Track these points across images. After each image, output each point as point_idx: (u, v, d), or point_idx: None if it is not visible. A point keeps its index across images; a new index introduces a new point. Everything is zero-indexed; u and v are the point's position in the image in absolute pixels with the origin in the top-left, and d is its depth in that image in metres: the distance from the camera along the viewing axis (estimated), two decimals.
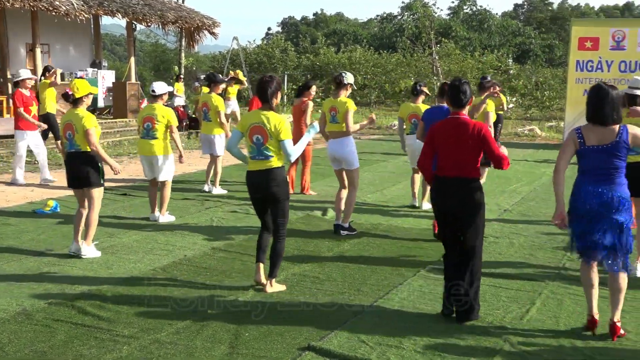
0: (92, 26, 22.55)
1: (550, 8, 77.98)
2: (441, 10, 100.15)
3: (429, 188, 8.71)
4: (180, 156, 9.06)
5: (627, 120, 6.13)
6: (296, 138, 10.51)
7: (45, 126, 11.80)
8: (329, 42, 45.60)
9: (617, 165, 5.02)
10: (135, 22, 21.80)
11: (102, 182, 7.32)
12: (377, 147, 17.96)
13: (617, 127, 5.00)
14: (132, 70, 22.09)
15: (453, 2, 64.67)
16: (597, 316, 5.20)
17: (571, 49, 19.50)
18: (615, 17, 62.45)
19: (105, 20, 30.80)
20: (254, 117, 6.07)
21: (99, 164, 7.26)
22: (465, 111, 5.54)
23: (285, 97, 29.99)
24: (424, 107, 9.26)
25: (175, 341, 5.00)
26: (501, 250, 7.65)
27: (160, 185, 8.94)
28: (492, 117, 8.99)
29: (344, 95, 8.40)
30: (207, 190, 11.02)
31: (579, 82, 18.50)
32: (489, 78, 9.72)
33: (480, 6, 62.90)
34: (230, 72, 16.41)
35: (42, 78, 12.74)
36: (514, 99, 29.51)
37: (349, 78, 8.40)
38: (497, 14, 66.98)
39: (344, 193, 8.43)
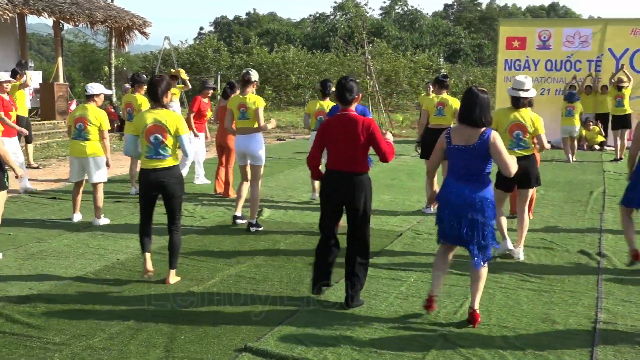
0: (17, 25, 21.88)
1: (479, 8, 79.67)
2: (373, 10, 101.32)
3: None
4: (107, 163, 8.87)
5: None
6: (220, 139, 10.53)
7: (26, 132, 11.37)
8: (262, 42, 45.43)
9: (479, 166, 5.21)
10: (62, 22, 21.25)
11: (6, 185, 7.23)
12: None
13: (482, 130, 5.20)
14: (60, 70, 21.53)
15: (385, 2, 65.43)
16: (435, 299, 5.48)
17: (499, 49, 19.96)
18: (541, 17, 64.25)
19: (31, 20, 29.97)
20: (147, 118, 6.21)
21: (5, 168, 7.12)
22: (353, 107, 5.74)
23: (219, 97, 29.76)
24: (331, 104, 9.51)
25: (109, 347, 4.90)
26: (434, 247, 7.77)
27: (93, 188, 8.77)
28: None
29: (251, 93, 8.56)
30: (134, 192, 10.83)
31: (508, 81, 18.92)
32: (447, 79, 9.89)
33: (412, 6, 63.81)
34: (172, 70, 16.10)
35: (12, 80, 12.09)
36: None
37: (254, 76, 8.60)
38: (427, 14, 68.05)
39: (246, 186, 8.67)
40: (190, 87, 14.48)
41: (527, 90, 7.20)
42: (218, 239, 8.09)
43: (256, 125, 8.48)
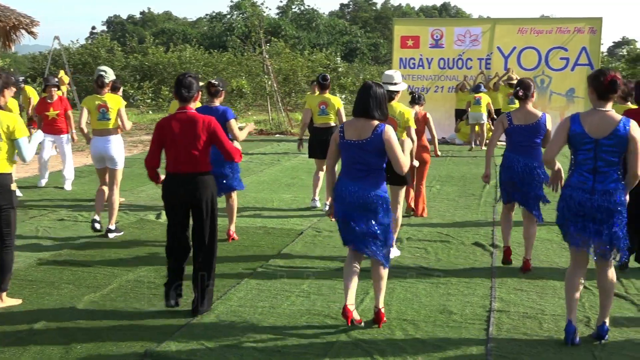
0: None
1: (374, 8, 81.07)
2: (270, 9, 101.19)
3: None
4: None
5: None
6: None
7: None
8: (158, 42, 44.62)
9: (373, 162, 5.07)
10: None
11: None
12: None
13: (376, 124, 5.06)
14: None
15: (281, 1, 65.54)
16: (351, 307, 5.13)
17: (394, 47, 20.37)
18: (434, 17, 66.05)
19: None
20: None
21: None
22: (193, 105, 5.55)
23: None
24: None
25: None
26: (336, 244, 7.85)
27: None
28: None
29: (111, 93, 8.32)
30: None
31: (404, 79, 19.28)
32: (328, 77, 9.89)
33: (308, 6, 64.21)
34: (61, 71, 15.54)
35: None
36: (344, 96, 30.38)
37: (109, 77, 8.25)
38: (324, 13, 68.74)
39: (106, 190, 8.28)
40: (71, 87, 13.96)
41: (395, 84, 7.06)
42: (115, 244, 7.87)
43: (114, 126, 8.18)
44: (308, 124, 10.08)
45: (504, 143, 7.00)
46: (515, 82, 17.14)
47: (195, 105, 5.68)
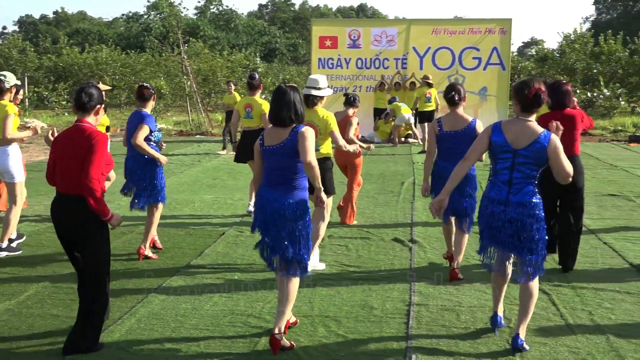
0: None
1: (292, 8, 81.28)
2: (187, 10, 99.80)
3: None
4: None
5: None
6: None
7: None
8: (72, 42, 43.48)
9: (292, 166, 4.87)
10: None
11: None
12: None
13: (293, 125, 4.89)
14: None
15: (199, 2, 64.94)
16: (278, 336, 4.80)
17: (313, 48, 20.55)
18: (351, 18, 66.73)
19: None
20: None
21: None
22: (91, 119, 4.88)
23: (27, 100, 28.12)
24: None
25: None
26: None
27: None
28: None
29: (7, 99, 7.44)
30: None
31: None
32: (256, 76, 9.60)
33: (227, 6, 63.89)
34: None
35: None
36: (264, 97, 30.33)
37: (10, 80, 7.56)
38: (243, 14, 68.55)
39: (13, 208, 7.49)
40: None
41: (320, 88, 6.83)
42: (30, 248, 7.65)
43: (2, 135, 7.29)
44: (237, 124, 9.73)
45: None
46: (431, 81, 17.81)
47: (94, 118, 4.95)
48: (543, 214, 4.83)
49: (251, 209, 9.53)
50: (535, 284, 4.89)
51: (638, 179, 12.68)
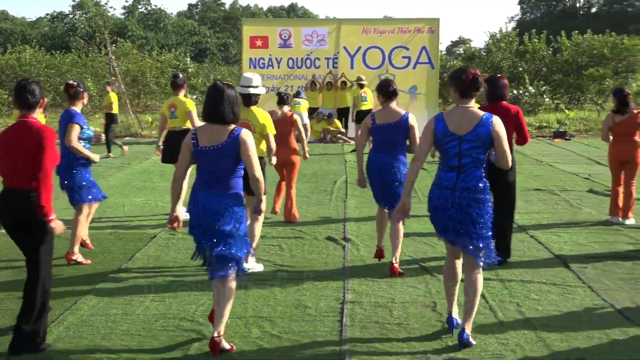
0: None
1: (222, 8, 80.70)
2: (115, 9, 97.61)
3: None
4: None
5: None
6: None
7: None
8: None
9: (229, 167, 4.78)
10: None
11: None
12: None
13: (232, 127, 4.81)
14: None
15: (127, 1, 63.82)
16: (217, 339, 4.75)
17: (244, 48, 20.45)
18: (282, 17, 66.73)
19: None
20: None
21: None
22: (36, 114, 4.91)
23: None
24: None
25: None
26: (190, 246, 7.76)
27: None
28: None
29: None
30: None
31: None
32: (180, 75, 9.46)
33: (155, 6, 62.96)
34: None
35: None
36: (195, 97, 30.02)
37: None
38: (172, 13, 67.65)
39: None
40: None
41: (256, 86, 6.93)
42: None
43: None
44: (164, 128, 9.53)
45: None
46: (365, 82, 17.97)
47: (38, 113, 4.97)
48: (490, 197, 4.93)
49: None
50: (480, 279, 4.97)
51: (562, 174, 13.09)
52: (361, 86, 17.91)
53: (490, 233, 4.92)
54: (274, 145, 7.11)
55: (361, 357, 4.79)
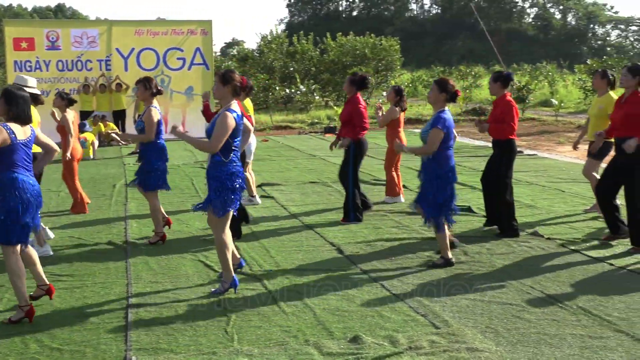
0: None
1: None
2: None
3: None
4: None
5: None
6: None
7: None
8: None
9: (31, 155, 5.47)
10: None
11: None
12: None
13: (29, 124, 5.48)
14: None
15: None
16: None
17: (7, 50, 19.25)
18: (49, 18, 63.31)
19: None
20: None
21: None
22: None
23: None
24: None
25: None
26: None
27: None
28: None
29: None
30: None
31: None
32: None
33: None
34: None
35: None
36: None
37: None
38: None
39: None
40: None
41: (32, 87, 7.21)
42: None
43: None
44: None
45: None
46: (125, 86, 17.82)
47: None
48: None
49: None
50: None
51: (334, 166, 13.78)
52: (119, 88, 18.29)
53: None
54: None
55: (147, 358, 4.77)
